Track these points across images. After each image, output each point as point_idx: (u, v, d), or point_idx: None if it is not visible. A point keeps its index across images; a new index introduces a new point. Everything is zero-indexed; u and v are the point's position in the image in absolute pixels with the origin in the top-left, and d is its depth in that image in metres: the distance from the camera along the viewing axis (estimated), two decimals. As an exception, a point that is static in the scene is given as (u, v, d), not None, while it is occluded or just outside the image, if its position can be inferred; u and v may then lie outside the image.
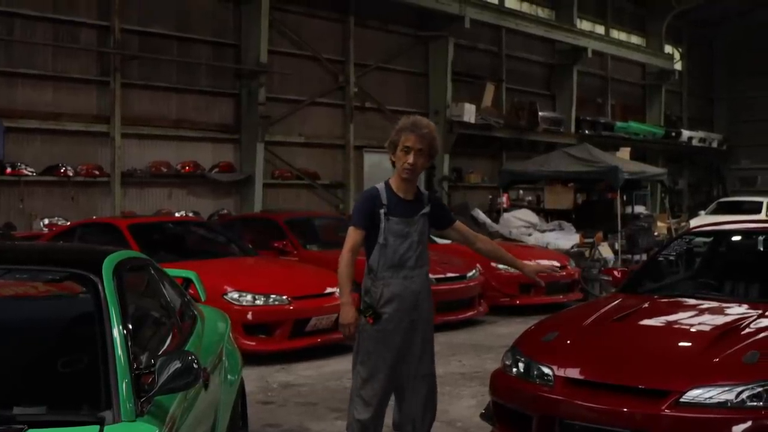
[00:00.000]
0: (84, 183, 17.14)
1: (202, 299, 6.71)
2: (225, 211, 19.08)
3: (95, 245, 7.88)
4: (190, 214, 17.89)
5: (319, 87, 21.80)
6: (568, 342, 6.44)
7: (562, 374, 5.98)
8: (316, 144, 21.88)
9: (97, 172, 17.23)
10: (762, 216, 26.39)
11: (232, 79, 19.91)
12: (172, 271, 6.29)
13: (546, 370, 6.06)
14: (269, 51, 19.92)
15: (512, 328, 11.18)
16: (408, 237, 5.70)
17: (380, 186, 5.81)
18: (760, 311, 6.71)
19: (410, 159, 5.65)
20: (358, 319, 5.62)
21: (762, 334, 6.18)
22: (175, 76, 18.80)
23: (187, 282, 6.67)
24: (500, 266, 14.85)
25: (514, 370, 6.32)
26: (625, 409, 5.61)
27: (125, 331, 4.03)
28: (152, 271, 5.43)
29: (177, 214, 17.52)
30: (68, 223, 14.60)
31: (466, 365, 10.61)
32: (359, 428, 5.73)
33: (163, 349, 4.60)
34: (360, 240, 5.70)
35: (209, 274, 8.94)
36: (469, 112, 24.30)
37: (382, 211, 5.68)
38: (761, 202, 29.22)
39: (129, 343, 3.99)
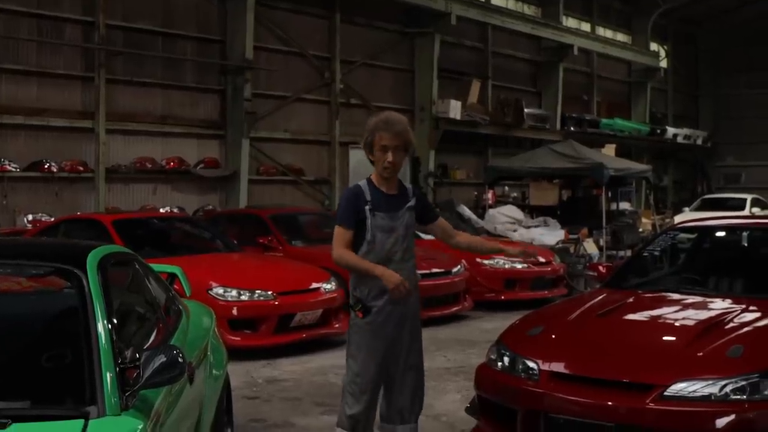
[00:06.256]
0: (68, 179, 17.08)
1: (187, 294, 6.71)
2: (210, 207, 19.05)
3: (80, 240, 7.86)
4: (175, 210, 17.85)
5: (304, 83, 21.77)
6: (553, 336, 6.47)
7: (547, 368, 6.00)
8: (302, 140, 21.86)
9: (81, 168, 17.17)
10: (746, 212, 26.50)
11: (217, 75, 19.87)
12: (157, 266, 6.28)
13: (531, 365, 6.08)
14: (255, 47, 19.89)
15: (497, 323, 11.19)
16: (394, 231, 5.70)
17: (363, 183, 5.81)
18: (743, 306, 6.75)
19: (389, 157, 5.65)
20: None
21: (745, 329, 6.23)
22: (160, 72, 18.75)
23: (172, 277, 6.66)
24: (485, 261, 14.94)
25: (500, 364, 6.33)
26: (609, 403, 5.64)
27: (110, 326, 4.03)
28: (137, 266, 5.42)
29: (162, 210, 17.48)
30: (52, 219, 14.56)
31: (451, 360, 10.63)
32: (350, 423, 5.73)
33: (148, 344, 4.58)
34: (350, 239, 5.70)
35: (194, 270, 8.91)
36: (455, 109, 24.33)
37: (367, 207, 5.67)
38: (745, 199, 29.38)
39: (114, 338, 3.99)
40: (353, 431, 5.74)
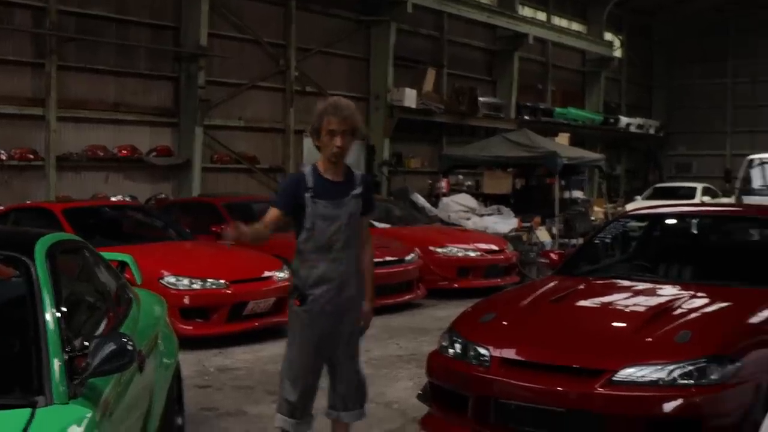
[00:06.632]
0: (18, 167, 16.88)
1: (138, 282, 6.66)
2: (163, 196, 18.92)
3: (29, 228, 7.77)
4: (127, 199, 17.71)
5: (259, 71, 21.69)
6: (505, 323, 6.51)
7: (499, 355, 6.04)
8: (256, 128, 21.78)
9: (31, 156, 16.99)
10: (696, 201, 26.80)
11: (171, 62, 19.74)
12: (108, 255, 6.23)
13: (482, 351, 6.11)
14: (209, 34, 19.79)
15: (450, 311, 11.19)
16: (336, 219, 5.65)
17: (307, 170, 5.77)
18: (692, 292, 6.85)
19: (338, 142, 5.61)
20: (244, 235, 5.56)
21: (693, 314, 6.32)
22: (113, 59, 18.58)
23: (123, 266, 6.61)
24: (439, 250, 14.99)
25: (451, 351, 6.36)
26: (559, 388, 5.69)
27: (58, 314, 3.99)
28: (87, 254, 5.38)
29: (113, 199, 17.32)
30: (2, 208, 14.38)
31: (404, 348, 10.66)
32: (288, 409, 5.76)
33: (97, 332, 4.55)
34: (276, 219, 5.69)
35: (146, 259, 8.84)
36: (410, 97, 24.35)
37: (307, 195, 5.64)
38: (696, 188, 29.74)
39: (62, 326, 3.95)
40: (292, 417, 5.76)
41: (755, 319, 6.29)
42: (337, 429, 5.97)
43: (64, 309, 4.11)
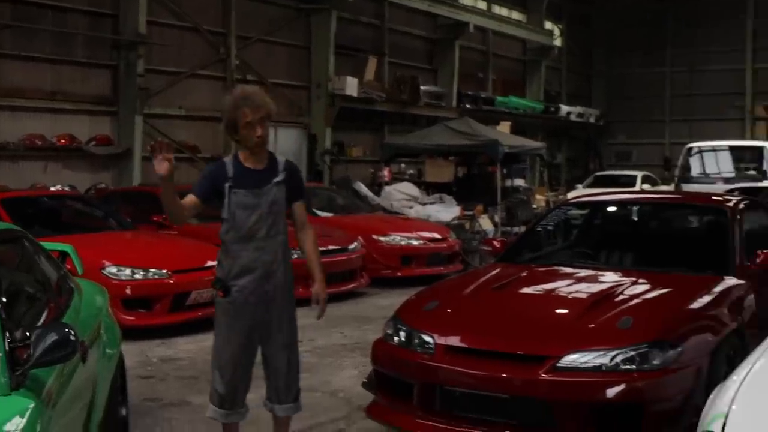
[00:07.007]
0: (-46, 157, 16.60)
1: (79, 272, 6.58)
2: (102, 185, 18.66)
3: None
4: (66, 188, 17.46)
5: (199, 59, 21.50)
6: (449, 311, 6.54)
7: (443, 342, 6.07)
8: (197, 117, 21.57)
9: (-33, 146, 16.71)
10: (636, 189, 27.14)
11: (109, 50, 19.45)
12: (48, 245, 6.15)
13: (427, 339, 6.13)
14: (148, 21, 19.54)
15: (393, 300, 11.23)
16: (257, 208, 5.59)
17: (227, 159, 5.73)
18: (633, 278, 6.93)
19: (258, 132, 5.55)
20: (169, 170, 5.34)
21: (635, 301, 6.39)
22: (49, 47, 18.27)
23: (64, 255, 6.53)
24: (382, 238, 15.03)
25: (396, 339, 6.38)
26: (504, 375, 5.73)
27: (-2, 304, 3.93)
28: (26, 244, 5.30)
29: (52, 188, 17.07)
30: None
31: (348, 336, 10.67)
32: (218, 399, 5.76)
33: (39, 323, 4.48)
34: (192, 205, 5.64)
35: (87, 249, 8.73)
36: (352, 86, 24.29)
37: (227, 185, 5.59)
38: (636, 176, 30.13)
39: (2, 316, 3.89)
40: (221, 407, 5.76)
41: (695, 305, 6.39)
42: (277, 420, 5.95)
43: (3, 299, 4.05)
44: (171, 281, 10.66)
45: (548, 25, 37.56)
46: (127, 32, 19.24)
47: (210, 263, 11.02)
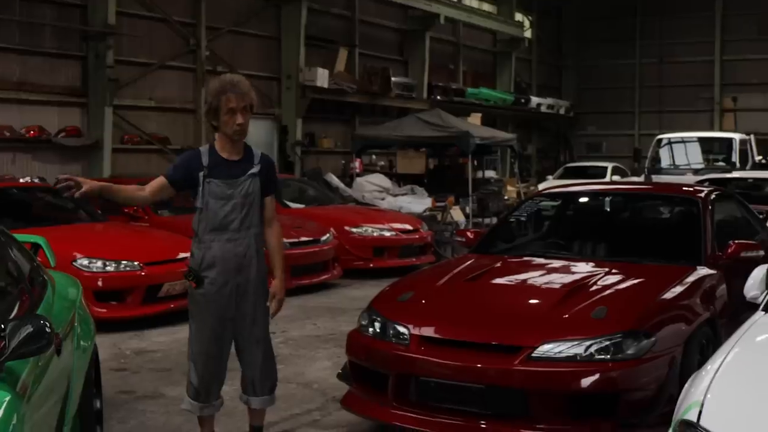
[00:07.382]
0: None
1: (52, 264, 6.55)
2: (72, 177, 18.52)
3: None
4: (36, 180, 17.31)
5: (169, 50, 21.36)
6: (423, 301, 6.55)
7: (418, 333, 6.07)
8: (167, 108, 21.46)
9: (-66, 138, 16.52)
10: (607, 180, 27.30)
11: (78, 40, 19.29)
12: (20, 237, 6.10)
13: (402, 329, 6.14)
14: (117, 12, 19.38)
15: (366, 291, 11.27)
16: (231, 199, 5.58)
17: (203, 148, 5.72)
18: (606, 269, 6.96)
19: (239, 119, 5.54)
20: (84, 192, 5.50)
21: (609, 291, 6.43)
22: (17, 37, 18.08)
23: (36, 248, 6.48)
24: (354, 230, 15.03)
25: (371, 330, 6.38)
26: (479, 365, 5.74)
27: (-29, 296, 3.89)
28: (-1, 235, 5.25)
29: (22, 180, 16.92)
30: None
31: (321, 328, 10.66)
32: (193, 391, 5.77)
33: (12, 315, 4.44)
34: (160, 186, 5.70)
35: (58, 241, 8.66)
36: (322, 77, 24.24)
37: (201, 174, 5.58)
38: (606, 167, 30.29)
39: (-25, 308, 3.86)
40: (196, 399, 5.78)
41: (668, 295, 6.44)
42: (252, 412, 5.95)
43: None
44: (143, 273, 10.61)
45: (519, 16, 37.63)
46: (96, 23, 19.08)
47: (182, 255, 11.00)
